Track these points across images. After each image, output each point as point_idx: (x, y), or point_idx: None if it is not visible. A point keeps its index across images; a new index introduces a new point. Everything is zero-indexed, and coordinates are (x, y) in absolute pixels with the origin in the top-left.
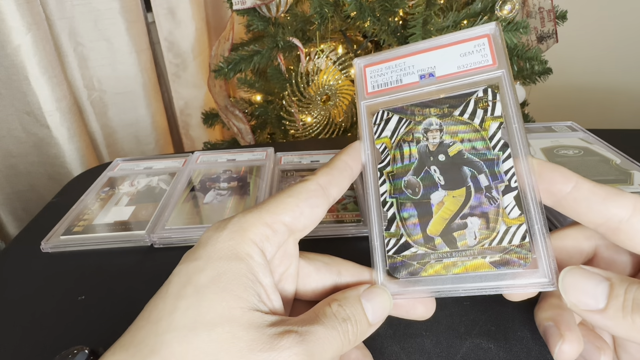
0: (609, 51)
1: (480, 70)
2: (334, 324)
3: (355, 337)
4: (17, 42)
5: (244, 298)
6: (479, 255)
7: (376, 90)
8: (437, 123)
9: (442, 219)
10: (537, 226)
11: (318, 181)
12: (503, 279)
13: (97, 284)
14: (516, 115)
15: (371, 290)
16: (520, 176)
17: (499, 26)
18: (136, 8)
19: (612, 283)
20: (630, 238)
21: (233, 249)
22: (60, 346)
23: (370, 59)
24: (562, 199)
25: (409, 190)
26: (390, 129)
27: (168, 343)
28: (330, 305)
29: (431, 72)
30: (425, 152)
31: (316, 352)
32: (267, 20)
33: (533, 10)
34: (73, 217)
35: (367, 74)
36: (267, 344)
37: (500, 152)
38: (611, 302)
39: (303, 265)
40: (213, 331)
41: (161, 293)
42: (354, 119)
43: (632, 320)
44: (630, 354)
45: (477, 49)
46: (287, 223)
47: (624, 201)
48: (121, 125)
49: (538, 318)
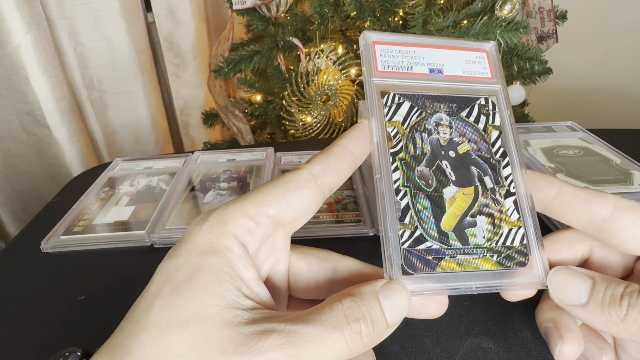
0: (609, 51)
1: (481, 80)
2: (339, 324)
3: (371, 339)
4: (17, 42)
5: (219, 294)
6: (488, 253)
7: (386, 70)
8: (447, 119)
9: (454, 215)
10: (531, 230)
11: (310, 170)
12: (506, 277)
13: (97, 284)
14: (511, 128)
15: (389, 286)
16: (517, 183)
17: (496, 47)
18: (136, 8)
19: (595, 281)
20: (614, 236)
21: (211, 243)
22: (59, 346)
23: (380, 36)
24: (549, 205)
25: (422, 181)
26: (401, 114)
27: (142, 344)
28: (341, 302)
29: (440, 68)
30: (437, 145)
31: (304, 356)
32: (267, 20)
33: (533, 10)
34: (73, 217)
35: (377, 51)
36: (242, 346)
37: (501, 158)
38: (592, 297)
39: (294, 261)
40: (185, 331)
41: (143, 292)
42: (354, 119)
43: (609, 314)
44: (629, 354)
45: (479, 60)
46: (272, 215)
47: (604, 201)
48: (121, 125)
49: (539, 319)
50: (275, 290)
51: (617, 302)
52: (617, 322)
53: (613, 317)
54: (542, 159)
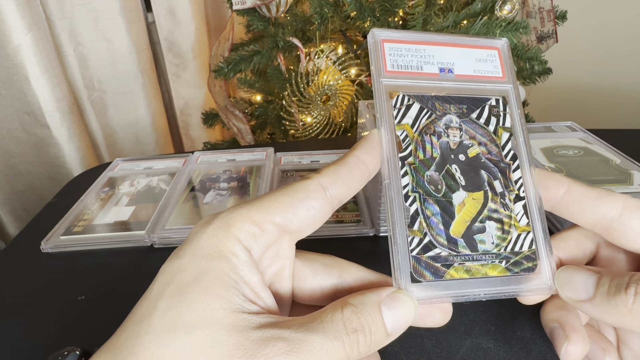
0: (609, 51)
1: (492, 80)
2: (339, 334)
3: (368, 348)
4: (17, 42)
5: (226, 298)
6: (497, 259)
7: (396, 70)
8: (457, 121)
9: (463, 220)
10: (540, 235)
11: (320, 180)
12: (516, 283)
13: (97, 284)
14: (522, 130)
15: (395, 296)
16: (527, 187)
17: (508, 44)
18: (136, 8)
19: (601, 275)
20: (622, 236)
21: (216, 247)
22: (59, 346)
23: (389, 33)
24: (557, 204)
25: (432, 187)
26: (411, 117)
27: (147, 345)
28: (342, 310)
29: (450, 68)
30: (447, 148)
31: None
32: (267, 20)
33: (533, 10)
34: (73, 217)
35: (385, 50)
36: (249, 351)
37: (511, 161)
38: (598, 290)
39: (299, 267)
40: (192, 334)
41: (146, 293)
42: (354, 119)
43: (615, 304)
44: (632, 350)
45: (490, 58)
46: (278, 223)
47: (613, 200)
48: (121, 125)
49: (544, 320)
50: (279, 296)
51: (622, 290)
52: (624, 312)
53: (620, 307)
54: (542, 159)
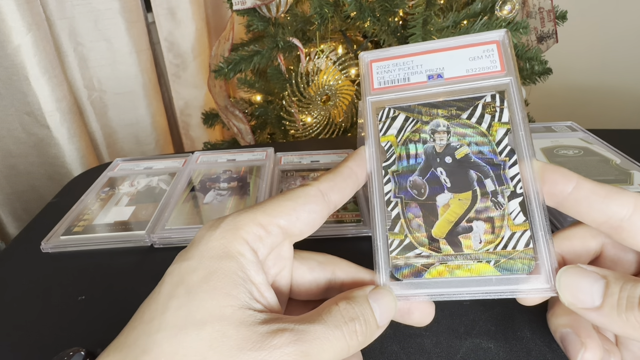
0: (609, 51)
1: (488, 76)
2: (338, 323)
3: (364, 337)
4: (17, 42)
5: (234, 296)
6: (484, 259)
7: (383, 86)
8: (445, 125)
9: (447, 221)
10: (541, 233)
11: (319, 187)
12: (507, 284)
13: (97, 284)
14: (523, 123)
15: (377, 291)
16: (526, 182)
17: (508, 34)
18: (136, 8)
19: (608, 281)
20: (632, 236)
21: (224, 248)
22: (60, 346)
23: (377, 54)
24: (564, 200)
25: (415, 191)
26: (396, 127)
27: (159, 343)
28: (337, 304)
29: (439, 73)
30: (432, 153)
31: (312, 352)
32: (267, 21)
33: (533, 11)
34: (73, 217)
35: (373, 69)
36: (258, 343)
37: (507, 157)
38: (606, 299)
39: (296, 266)
40: (203, 330)
41: (154, 293)
42: (354, 119)
43: (626, 318)
44: (632, 352)
45: (486, 54)
46: (282, 226)
47: (625, 199)
48: (121, 125)
49: (553, 324)
50: (278, 294)
51: (635, 305)
52: (636, 327)
53: (631, 321)
54: (542, 159)
